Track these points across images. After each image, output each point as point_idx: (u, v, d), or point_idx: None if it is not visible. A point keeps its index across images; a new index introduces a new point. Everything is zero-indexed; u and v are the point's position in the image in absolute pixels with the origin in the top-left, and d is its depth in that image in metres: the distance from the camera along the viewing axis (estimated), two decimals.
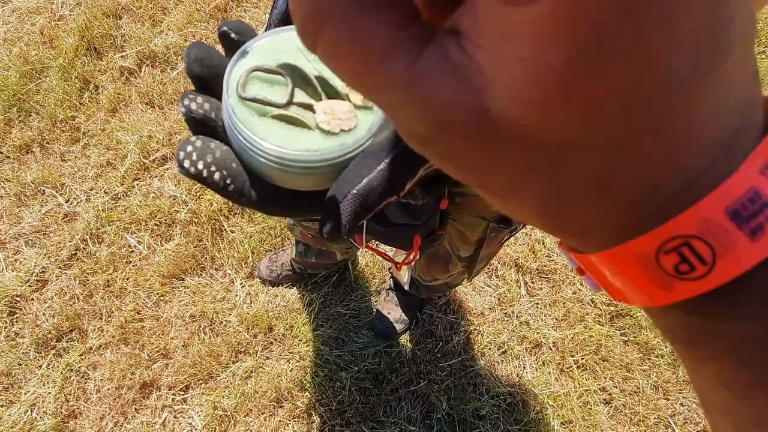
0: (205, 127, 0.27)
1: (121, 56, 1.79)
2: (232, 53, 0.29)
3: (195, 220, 1.53)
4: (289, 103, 0.28)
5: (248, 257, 1.50)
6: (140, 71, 1.78)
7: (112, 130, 1.66)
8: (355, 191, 0.24)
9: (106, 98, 1.71)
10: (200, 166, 0.26)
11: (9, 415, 1.31)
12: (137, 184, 1.60)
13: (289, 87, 0.28)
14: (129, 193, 1.58)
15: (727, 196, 0.14)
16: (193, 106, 0.27)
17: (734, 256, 0.14)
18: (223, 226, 1.53)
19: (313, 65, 0.29)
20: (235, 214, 1.56)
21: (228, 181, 0.27)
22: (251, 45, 0.29)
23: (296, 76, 0.29)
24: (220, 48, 0.31)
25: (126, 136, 1.65)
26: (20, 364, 1.38)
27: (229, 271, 1.49)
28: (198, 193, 1.57)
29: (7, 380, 1.36)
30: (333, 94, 0.29)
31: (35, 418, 1.31)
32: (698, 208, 0.14)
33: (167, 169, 1.61)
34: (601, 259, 0.16)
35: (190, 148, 0.26)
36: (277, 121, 0.28)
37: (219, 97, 0.29)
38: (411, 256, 0.65)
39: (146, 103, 1.72)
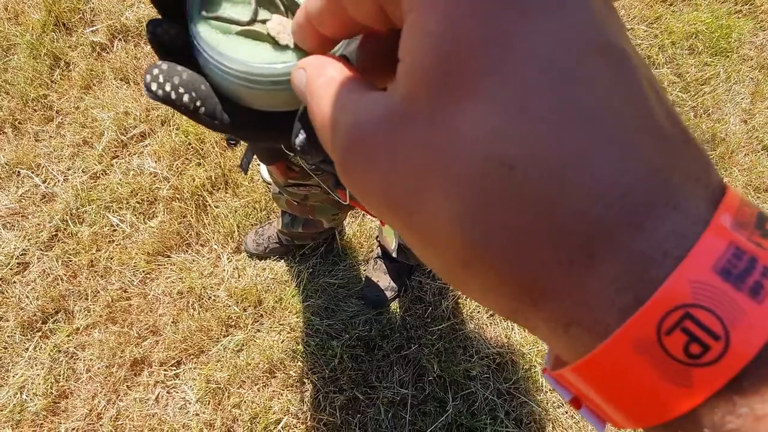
0: (173, 52, 0.27)
1: (92, 31, 1.73)
2: None
3: (178, 196, 1.51)
4: (253, 20, 0.27)
5: (234, 232, 1.49)
6: (113, 46, 1.73)
7: (86, 108, 1.62)
8: None
9: (79, 75, 1.66)
10: (168, 87, 0.25)
11: None
12: (116, 162, 1.56)
13: (252, 5, 0.28)
14: (108, 172, 1.55)
15: (708, 254, 0.12)
16: (159, 31, 0.26)
17: (746, 323, 0.12)
18: (207, 201, 1.51)
19: None
20: (219, 189, 1.54)
21: (198, 104, 0.26)
22: None
23: None
24: None
25: (102, 113, 1.61)
26: (6, 348, 1.36)
27: (216, 247, 1.48)
28: (180, 169, 1.54)
29: None
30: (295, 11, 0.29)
31: (25, 399, 1.30)
32: (683, 270, 0.12)
33: (146, 145, 1.58)
34: (595, 366, 0.13)
35: (156, 71, 0.25)
36: (243, 37, 0.27)
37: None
38: None
39: (121, 79, 1.68)
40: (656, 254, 0.12)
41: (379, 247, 1.47)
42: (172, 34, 0.26)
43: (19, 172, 1.55)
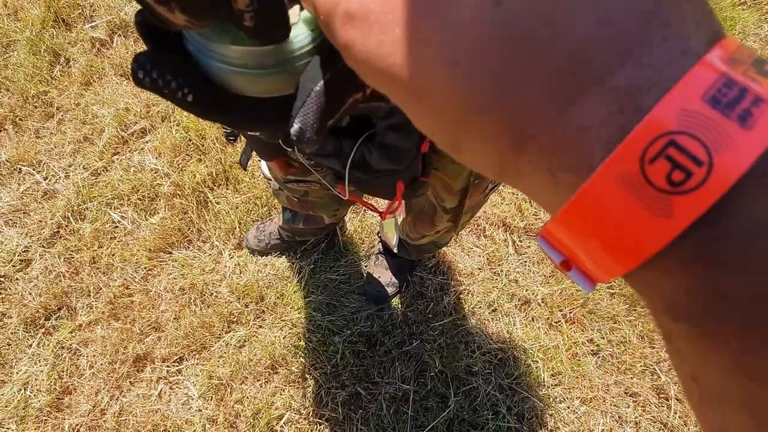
0: (162, 41, 0.26)
1: (91, 27, 1.73)
2: None
3: (179, 192, 1.51)
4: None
5: (235, 228, 1.49)
6: (112, 42, 1.72)
7: (87, 104, 1.61)
8: (317, 88, 0.24)
9: (79, 71, 1.66)
10: (155, 75, 0.25)
11: (2, 394, 1.30)
12: (117, 159, 1.56)
13: None
14: (109, 168, 1.55)
15: (697, 84, 0.12)
16: (146, 19, 0.26)
17: (731, 149, 0.12)
18: (208, 197, 1.51)
19: None
20: (220, 185, 1.54)
21: (186, 91, 0.26)
22: None
23: None
24: None
25: (102, 109, 1.60)
26: (9, 344, 1.36)
27: (217, 243, 1.48)
28: (181, 166, 1.54)
29: None
30: None
31: (29, 396, 1.31)
32: (671, 98, 0.12)
33: (147, 141, 1.58)
34: (580, 208, 0.13)
35: (143, 58, 0.25)
36: (230, 22, 0.26)
37: None
38: (395, 204, 0.64)
39: (121, 75, 1.67)
40: (643, 84, 0.12)
41: (380, 243, 1.46)
42: (160, 23, 0.26)
43: (20, 169, 1.55)
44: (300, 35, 0.26)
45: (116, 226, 1.49)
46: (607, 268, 0.14)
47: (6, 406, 1.29)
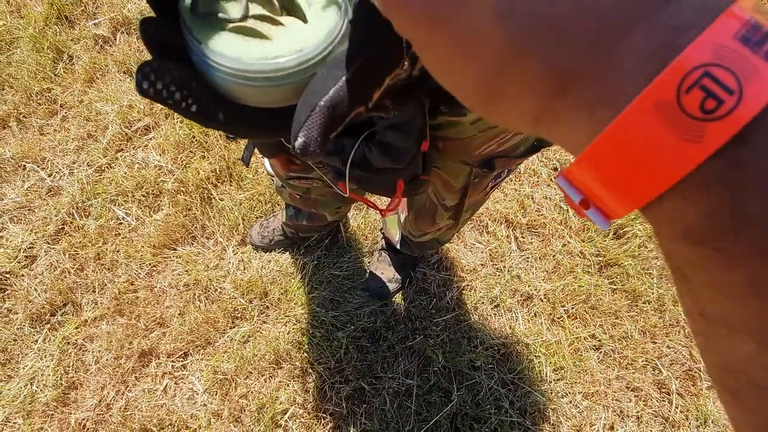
0: (166, 50, 0.27)
1: (94, 24, 1.73)
2: None
3: (183, 189, 1.52)
4: (245, 17, 0.27)
5: (239, 224, 1.49)
6: (115, 39, 1.72)
7: (90, 101, 1.62)
8: (322, 103, 0.24)
9: (82, 68, 1.66)
10: (159, 86, 0.25)
11: (9, 389, 1.32)
12: (121, 155, 1.57)
13: (243, 1, 0.28)
14: (113, 165, 1.56)
15: (728, 25, 0.13)
16: (151, 30, 0.26)
17: (760, 79, 0.13)
18: (211, 194, 1.52)
19: None
20: (224, 181, 1.55)
21: (190, 101, 0.26)
22: None
23: None
24: None
25: (105, 106, 1.61)
26: (15, 340, 1.37)
27: (221, 239, 1.49)
28: (184, 162, 1.55)
29: (4, 356, 1.36)
30: (292, 8, 0.29)
31: (36, 390, 1.32)
32: (707, 36, 0.13)
33: (151, 138, 1.58)
34: (614, 138, 0.14)
35: (147, 68, 0.25)
36: (235, 34, 0.27)
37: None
38: (395, 202, 0.65)
39: (124, 72, 1.68)
40: (683, 24, 0.14)
41: (383, 239, 1.47)
42: (165, 33, 0.26)
43: (24, 165, 1.56)
44: (310, 47, 0.27)
45: (120, 223, 1.49)
46: (631, 198, 0.15)
47: (13, 401, 1.31)
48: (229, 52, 0.26)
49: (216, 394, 1.32)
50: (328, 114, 0.24)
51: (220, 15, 0.27)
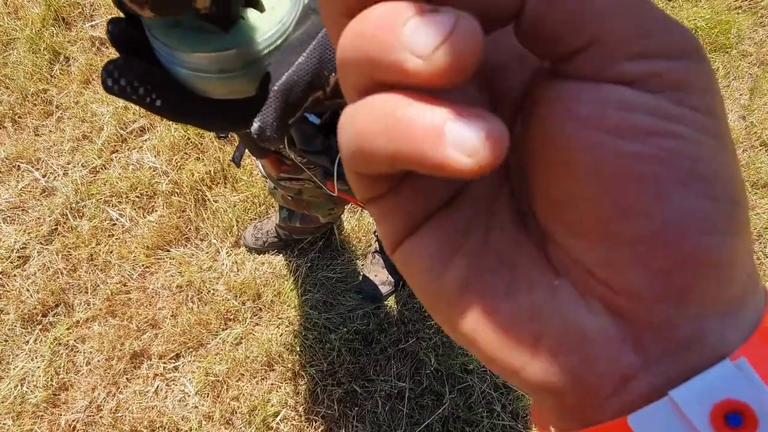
0: (133, 49, 0.27)
1: (91, 26, 1.74)
2: None
3: (177, 190, 1.52)
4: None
5: (233, 226, 1.49)
6: None
7: (86, 102, 1.62)
8: (276, 87, 0.25)
9: (78, 70, 1.67)
10: (123, 82, 0.26)
11: None
12: (115, 157, 1.57)
13: None
14: (108, 166, 1.56)
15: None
16: (117, 30, 0.27)
17: None
18: (206, 195, 1.52)
19: None
20: (218, 183, 1.55)
21: (154, 96, 0.27)
22: None
23: None
24: None
25: (101, 107, 1.61)
26: (6, 341, 1.37)
27: (215, 241, 1.49)
28: (179, 164, 1.55)
29: None
30: None
31: (26, 391, 1.31)
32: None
33: (146, 140, 1.59)
34: None
35: (111, 66, 0.26)
36: (194, 30, 0.28)
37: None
38: None
39: None
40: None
41: (377, 242, 1.47)
42: (131, 33, 0.27)
43: (19, 166, 1.56)
44: (264, 35, 0.27)
45: (114, 224, 1.49)
46: None
47: (2, 402, 1.30)
48: (185, 46, 0.27)
49: (207, 396, 1.31)
50: (281, 98, 0.25)
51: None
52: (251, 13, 0.29)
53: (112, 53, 1.69)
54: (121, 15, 0.28)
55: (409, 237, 0.16)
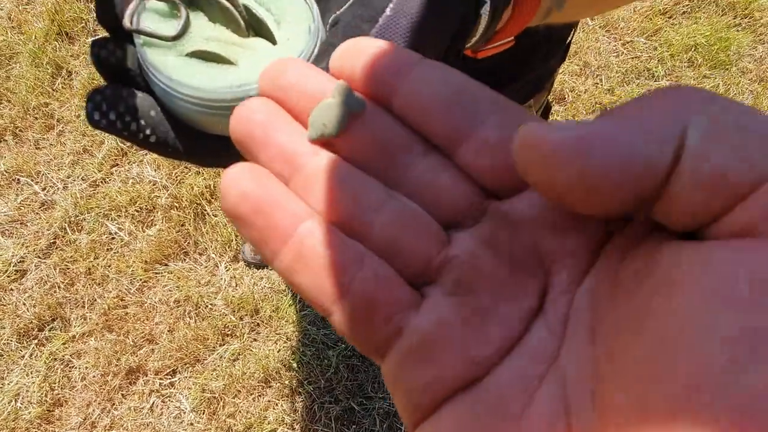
0: (121, 75, 0.25)
1: (94, 40, 1.75)
2: None
3: (176, 204, 1.51)
4: (180, 35, 0.25)
5: (232, 240, 1.49)
6: None
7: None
8: None
9: (80, 84, 1.67)
10: (112, 116, 0.23)
11: None
12: (116, 170, 1.57)
13: (181, 18, 0.25)
14: (107, 180, 1.56)
15: None
16: (104, 53, 0.24)
17: None
18: (205, 210, 1.51)
19: None
20: (217, 197, 1.54)
21: (148, 132, 0.24)
22: None
23: (213, 8, 0.26)
24: None
25: None
26: (2, 355, 1.35)
27: (213, 255, 1.48)
28: (179, 178, 1.55)
29: None
30: (260, 28, 0.27)
31: (19, 407, 1.29)
32: None
33: (146, 154, 1.59)
34: None
35: (99, 97, 0.23)
36: (197, 59, 0.25)
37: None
38: None
39: None
40: None
41: None
42: (119, 56, 0.24)
43: (18, 179, 1.56)
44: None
45: (113, 238, 1.49)
46: None
47: None
48: (189, 80, 0.24)
49: (203, 413, 1.30)
50: None
51: (152, 32, 0.24)
52: (264, 46, 0.27)
53: None
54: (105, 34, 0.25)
55: (428, 418, 0.14)
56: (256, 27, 0.27)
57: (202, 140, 0.26)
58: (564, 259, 0.15)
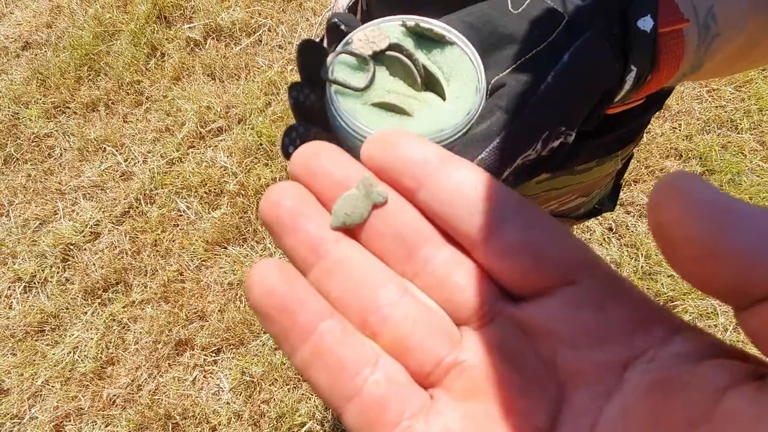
0: (311, 116, 0.28)
1: (189, 27, 1.85)
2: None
3: (243, 192, 1.58)
4: (367, 87, 0.28)
5: None
6: (205, 43, 1.84)
7: (173, 98, 1.73)
8: None
9: (171, 66, 1.78)
10: None
11: (53, 353, 1.40)
12: (192, 152, 1.66)
13: (369, 72, 0.28)
14: (183, 160, 1.65)
15: None
16: (300, 97, 0.28)
17: None
18: None
19: (418, 53, 0.30)
20: None
21: None
22: (353, 34, 0.29)
23: (394, 64, 0.30)
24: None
25: (186, 104, 1.71)
26: (67, 309, 1.46)
27: (270, 245, 1.54)
28: (248, 167, 1.62)
29: (55, 321, 1.44)
30: (432, 85, 0.30)
31: (77, 359, 1.39)
32: None
33: (221, 140, 1.67)
34: None
35: (294, 134, 0.27)
36: (378, 108, 0.28)
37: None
38: None
39: (208, 75, 1.78)
40: None
41: None
42: (313, 100, 0.28)
43: (105, 148, 1.67)
44: (451, 124, 0.28)
45: (181, 215, 1.57)
46: None
47: (55, 366, 1.38)
48: (371, 126, 0.27)
49: (240, 395, 1.35)
50: None
51: (343, 82, 0.28)
52: (436, 101, 0.29)
53: (204, 55, 1.80)
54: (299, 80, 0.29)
55: None
56: (428, 83, 0.30)
57: None
58: (582, 377, 0.15)
